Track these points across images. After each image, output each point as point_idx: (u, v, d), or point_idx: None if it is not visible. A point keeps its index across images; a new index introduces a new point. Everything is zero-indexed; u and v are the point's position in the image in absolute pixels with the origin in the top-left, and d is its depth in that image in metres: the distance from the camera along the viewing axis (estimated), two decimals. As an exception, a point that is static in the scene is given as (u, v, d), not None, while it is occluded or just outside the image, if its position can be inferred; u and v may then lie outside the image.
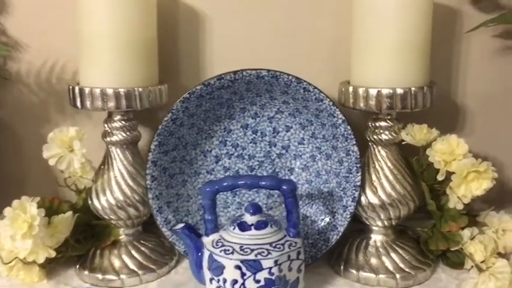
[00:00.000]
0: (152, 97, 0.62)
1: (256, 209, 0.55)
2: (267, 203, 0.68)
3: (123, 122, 0.62)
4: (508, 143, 0.68)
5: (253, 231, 0.53)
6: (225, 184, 0.54)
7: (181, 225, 0.57)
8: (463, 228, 0.62)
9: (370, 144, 0.63)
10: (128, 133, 0.63)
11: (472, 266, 0.60)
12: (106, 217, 0.63)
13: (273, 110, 0.65)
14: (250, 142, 0.67)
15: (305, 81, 0.58)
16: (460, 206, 0.60)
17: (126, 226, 0.65)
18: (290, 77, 0.58)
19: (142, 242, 0.66)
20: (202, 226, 0.64)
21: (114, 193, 0.62)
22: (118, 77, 0.60)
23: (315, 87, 0.59)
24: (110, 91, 0.59)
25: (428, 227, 0.65)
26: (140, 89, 0.60)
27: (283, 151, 0.67)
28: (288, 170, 0.68)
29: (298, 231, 0.55)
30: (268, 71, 0.58)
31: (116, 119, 0.62)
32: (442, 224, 0.63)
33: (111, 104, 0.59)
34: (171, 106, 0.58)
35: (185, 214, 0.65)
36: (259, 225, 0.54)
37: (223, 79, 0.58)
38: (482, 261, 0.59)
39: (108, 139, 0.63)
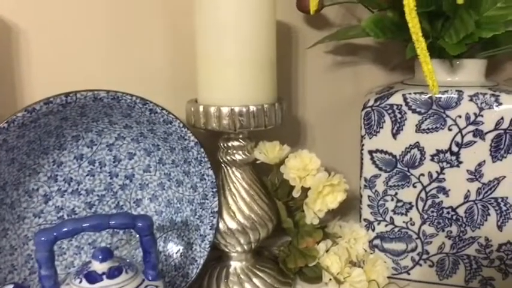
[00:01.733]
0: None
1: (106, 254, 0.46)
2: (111, 243, 0.59)
3: None
4: (345, 153, 0.72)
5: (105, 282, 0.45)
6: (65, 230, 0.45)
7: (9, 286, 0.45)
8: (318, 243, 0.62)
9: (223, 165, 0.60)
10: None
11: (330, 279, 0.60)
12: None
13: (113, 136, 0.57)
14: (87, 175, 0.58)
15: (151, 102, 0.52)
16: (316, 221, 0.60)
17: None
18: (134, 98, 0.51)
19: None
20: (33, 282, 0.53)
21: None
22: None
23: (163, 109, 0.53)
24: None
25: (284, 245, 0.64)
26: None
27: (127, 181, 0.60)
28: (134, 202, 0.60)
29: (158, 272, 0.48)
30: (108, 92, 0.50)
31: None
32: (298, 240, 0.62)
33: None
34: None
35: (9, 270, 0.52)
36: (112, 273, 0.46)
37: (52, 103, 0.48)
38: (338, 273, 0.60)
39: None
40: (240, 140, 0.58)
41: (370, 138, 0.60)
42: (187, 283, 0.56)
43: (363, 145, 0.61)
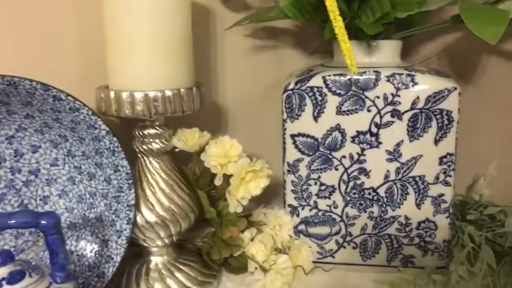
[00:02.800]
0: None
1: (6, 257, 0.42)
2: (16, 246, 0.54)
3: None
4: (268, 139, 0.70)
5: (6, 288, 0.40)
6: (-45, 233, 0.39)
7: None
8: (243, 231, 0.60)
9: (139, 155, 0.56)
10: None
11: (256, 268, 0.59)
12: None
13: (13, 127, 0.52)
14: (-16, 171, 0.52)
15: (54, 87, 0.47)
16: (239, 209, 0.58)
17: None
18: (34, 84, 0.46)
19: None
20: None
21: None
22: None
23: (68, 95, 0.48)
24: None
25: (208, 236, 0.62)
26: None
27: (32, 177, 0.54)
28: (41, 200, 0.55)
29: (67, 274, 0.44)
30: (3, 77, 0.45)
31: None
32: (222, 230, 0.60)
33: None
34: None
35: None
36: (13, 278, 0.41)
37: None
38: (264, 261, 0.59)
39: None
40: (157, 128, 0.55)
41: (291, 122, 0.59)
42: (103, 283, 0.52)
43: (284, 129, 0.59)
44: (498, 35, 0.46)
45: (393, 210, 0.59)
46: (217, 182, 0.56)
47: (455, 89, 0.55)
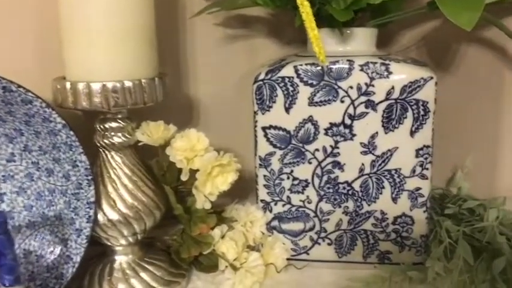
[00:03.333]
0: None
1: (-52, 260, 0.39)
2: (-30, 246, 0.51)
3: None
4: (242, 132, 0.68)
5: None
6: None
7: None
8: (213, 228, 0.58)
9: (101, 150, 0.53)
10: None
11: (227, 266, 0.56)
12: None
13: (-37, 120, 0.49)
14: None
15: (4, 78, 0.44)
16: (208, 205, 0.55)
17: None
18: (-20, 74, 0.43)
19: None
20: None
21: None
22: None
23: (20, 86, 0.45)
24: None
25: (177, 234, 0.59)
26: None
27: (-14, 173, 0.51)
28: (-3, 197, 0.52)
29: (17, 276, 0.41)
30: None
31: None
32: (191, 227, 0.57)
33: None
34: None
35: None
36: (-43, 283, 0.38)
37: None
38: (235, 259, 0.56)
39: None
40: (119, 121, 0.52)
41: (263, 114, 0.56)
42: (62, 284, 0.50)
43: (256, 121, 0.57)
44: (473, 21, 0.44)
45: (369, 205, 0.57)
46: (184, 177, 0.54)
47: (432, 78, 0.52)
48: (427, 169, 0.55)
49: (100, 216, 0.51)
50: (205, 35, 0.67)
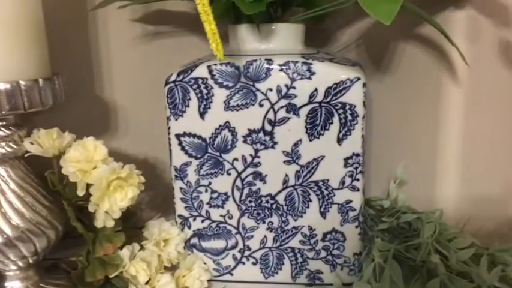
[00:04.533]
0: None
1: None
2: None
3: None
4: (164, 140, 0.62)
5: None
6: None
7: None
8: (121, 248, 0.51)
9: (-18, 162, 0.47)
10: None
11: (137, 290, 0.50)
12: None
13: None
14: None
15: None
16: (110, 223, 0.49)
17: None
18: None
19: None
20: None
21: None
22: None
23: None
24: None
25: (82, 254, 0.53)
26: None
27: None
28: None
29: None
30: None
31: None
32: (96, 248, 0.51)
33: None
34: None
35: None
36: None
37: None
38: (148, 282, 0.50)
39: None
40: (3, 128, 0.46)
41: (176, 120, 0.50)
42: None
43: (169, 128, 0.51)
44: (392, 13, 0.38)
45: (295, 220, 0.51)
46: (80, 192, 0.47)
47: (359, 79, 0.47)
48: (358, 180, 0.50)
49: (-22, 239, 0.44)
50: (121, 33, 0.61)
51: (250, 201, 0.51)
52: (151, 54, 0.61)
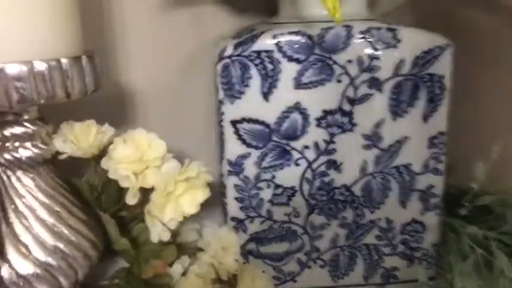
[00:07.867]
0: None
1: None
2: None
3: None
4: (192, 133, 0.53)
5: None
6: None
7: None
8: (171, 265, 0.42)
9: (1, 170, 0.35)
10: None
11: (195, 314, 0.41)
12: None
13: None
14: None
15: None
16: (166, 236, 0.39)
17: None
18: None
19: None
20: None
21: None
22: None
23: None
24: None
25: (120, 275, 0.42)
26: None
27: None
28: None
29: None
30: None
31: None
32: (141, 266, 0.41)
33: None
34: None
35: None
36: None
37: None
38: (205, 301, 0.41)
39: None
40: (26, 124, 0.34)
41: (231, 104, 0.41)
42: None
43: (222, 114, 0.42)
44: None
45: (372, 212, 0.45)
46: (131, 199, 0.37)
47: (449, 46, 0.41)
48: (441, 162, 0.44)
49: (5, 272, 0.33)
50: (137, 8, 0.50)
51: (321, 195, 0.44)
52: (170, 28, 0.51)
